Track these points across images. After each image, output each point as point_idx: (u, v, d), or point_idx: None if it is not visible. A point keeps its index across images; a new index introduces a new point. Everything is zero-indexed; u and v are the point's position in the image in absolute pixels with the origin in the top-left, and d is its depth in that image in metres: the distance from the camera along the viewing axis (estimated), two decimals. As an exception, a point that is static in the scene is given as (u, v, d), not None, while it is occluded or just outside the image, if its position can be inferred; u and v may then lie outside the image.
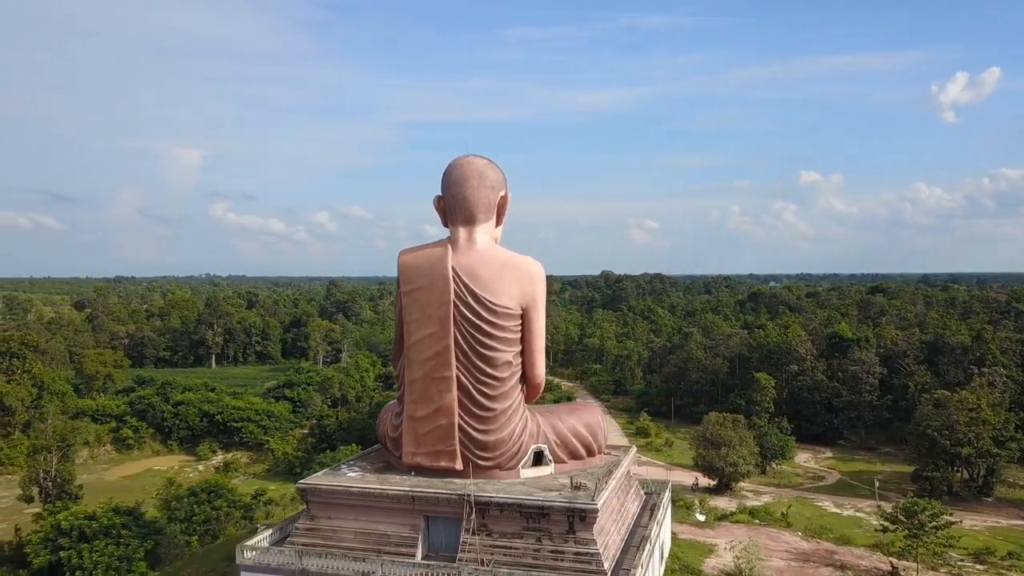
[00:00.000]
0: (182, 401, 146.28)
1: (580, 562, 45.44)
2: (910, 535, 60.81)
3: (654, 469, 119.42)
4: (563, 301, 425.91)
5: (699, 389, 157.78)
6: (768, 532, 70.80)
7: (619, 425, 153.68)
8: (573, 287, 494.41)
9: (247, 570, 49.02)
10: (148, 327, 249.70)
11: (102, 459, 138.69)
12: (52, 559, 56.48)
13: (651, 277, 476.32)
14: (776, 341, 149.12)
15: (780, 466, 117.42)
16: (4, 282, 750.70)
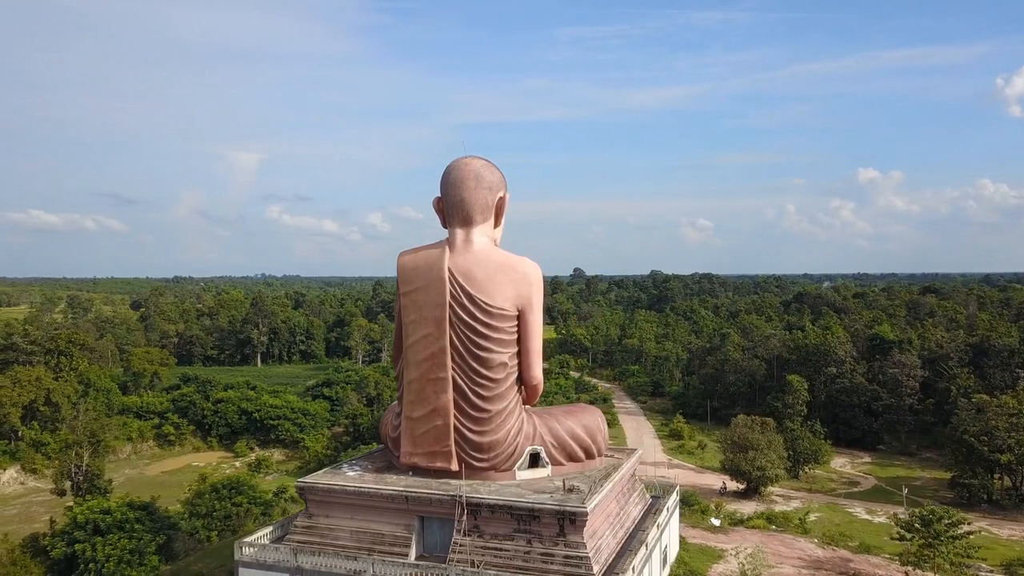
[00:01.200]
0: (222, 399, 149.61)
1: (569, 565, 45.20)
2: (925, 544, 58.84)
3: (684, 472, 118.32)
4: (608, 301, 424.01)
5: (736, 391, 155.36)
6: (783, 538, 69.28)
7: (653, 427, 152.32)
8: (619, 287, 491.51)
9: (245, 566, 50.03)
10: (197, 326, 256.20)
11: (144, 455, 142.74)
12: (68, 551, 58.53)
13: (699, 277, 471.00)
14: (815, 343, 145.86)
15: (813, 471, 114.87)
16: (70, 282, 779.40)
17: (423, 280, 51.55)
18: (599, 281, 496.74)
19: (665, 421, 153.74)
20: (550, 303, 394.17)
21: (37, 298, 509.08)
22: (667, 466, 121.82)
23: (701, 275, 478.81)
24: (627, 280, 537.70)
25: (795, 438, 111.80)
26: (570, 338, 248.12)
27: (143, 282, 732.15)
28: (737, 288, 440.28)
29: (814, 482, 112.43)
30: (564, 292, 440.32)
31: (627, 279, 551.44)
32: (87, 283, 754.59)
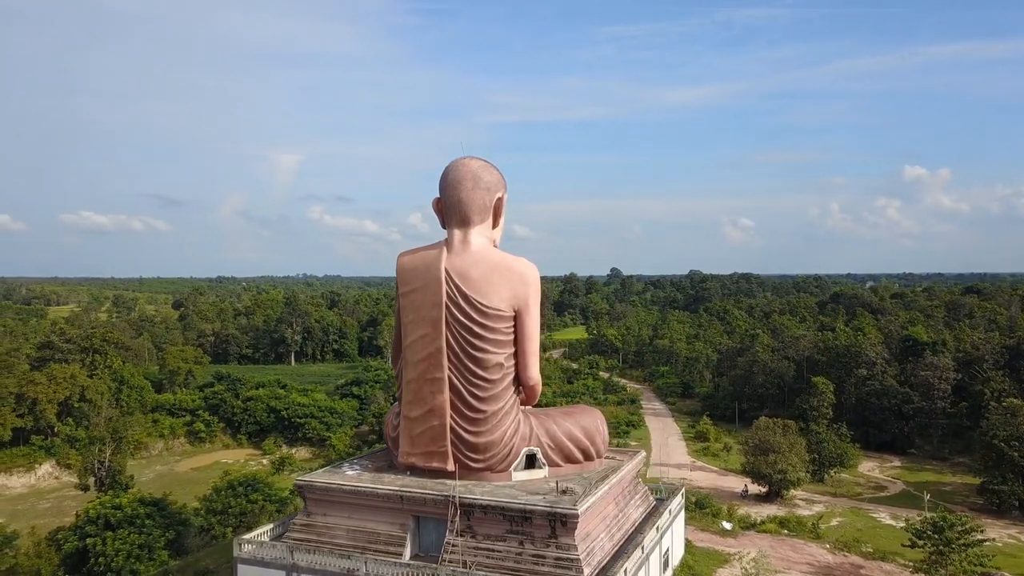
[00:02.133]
0: (251, 397, 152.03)
1: (560, 567, 44.98)
2: (936, 551, 57.32)
3: (706, 475, 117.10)
4: (644, 301, 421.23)
5: (764, 393, 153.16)
6: (793, 543, 68.08)
7: (680, 429, 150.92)
8: (656, 287, 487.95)
9: (244, 563, 50.76)
10: (233, 325, 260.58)
11: (176, 451, 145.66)
12: (80, 545, 60.05)
13: (737, 277, 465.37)
14: (845, 344, 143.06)
15: (838, 474, 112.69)
16: (117, 282, 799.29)
17: (421, 281, 51.74)
18: (634, 281, 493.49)
19: (692, 423, 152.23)
20: (584, 303, 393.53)
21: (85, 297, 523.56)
22: (690, 468, 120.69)
23: (739, 275, 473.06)
24: (664, 280, 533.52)
25: (820, 441, 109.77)
26: (601, 338, 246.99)
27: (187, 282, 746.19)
28: (776, 288, 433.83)
29: (840, 486, 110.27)
30: (599, 292, 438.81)
31: (664, 279, 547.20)
32: (133, 283, 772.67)
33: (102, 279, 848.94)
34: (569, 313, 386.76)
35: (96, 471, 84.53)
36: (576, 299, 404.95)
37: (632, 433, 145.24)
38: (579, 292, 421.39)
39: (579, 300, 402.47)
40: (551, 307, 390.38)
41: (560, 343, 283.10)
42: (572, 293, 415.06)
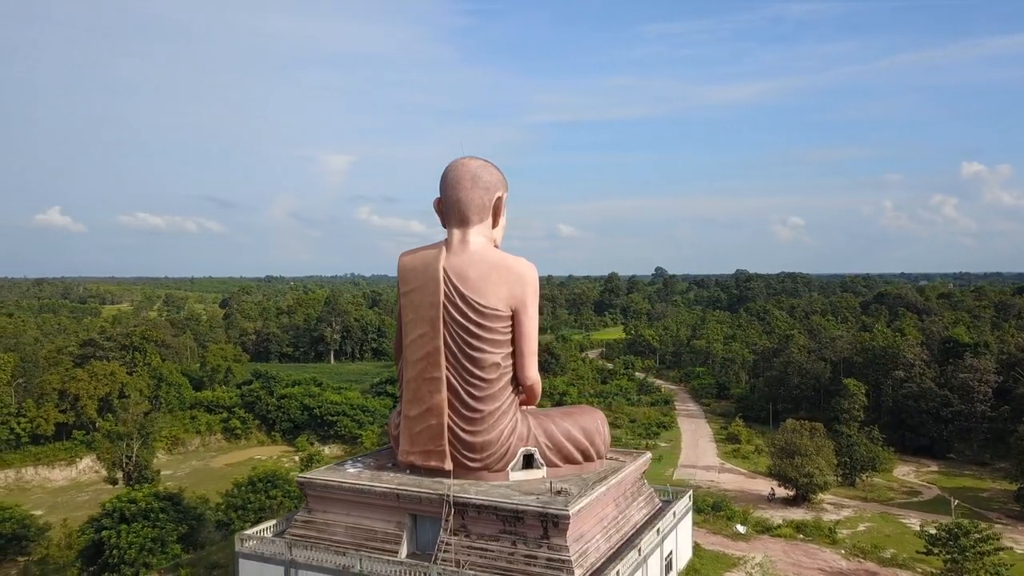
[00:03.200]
0: (285, 395, 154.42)
1: (552, 568, 44.87)
2: (951, 560, 55.56)
3: (734, 477, 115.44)
4: (687, 301, 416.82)
5: (799, 394, 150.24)
6: (807, 548, 66.64)
7: (712, 430, 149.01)
8: (699, 287, 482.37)
9: (245, 558, 51.69)
10: (275, 324, 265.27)
11: (212, 447, 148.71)
12: (95, 538, 61.82)
13: (783, 277, 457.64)
14: (882, 345, 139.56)
15: (871, 479, 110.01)
16: (170, 281, 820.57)
17: (420, 280, 52.06)
18: (677, 281, 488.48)
19: (725, 424, 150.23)
20: (625, 303, 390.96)
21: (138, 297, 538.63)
22: (719, 470, 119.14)
23: (785, 275, 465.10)
24: (709, 280, 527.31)
25: (851, 444, 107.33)
26: (639, 339, 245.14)
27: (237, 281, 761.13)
28: (822, 288, 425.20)
29: (871, 491, 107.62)
30: (640, 292, 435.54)
31: (708, 279, 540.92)
32: (185, 282, 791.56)
33: (156, 279, 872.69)
34: (610, 313, 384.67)
35: (124, 466, 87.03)
36: (617, 299, 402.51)
37: (663, 434, 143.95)
38: (620, 292, 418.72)
39: (620, 300, 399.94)
40: (591, 307, 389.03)
41: (597, 343, 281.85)
42: (613, 293, 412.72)
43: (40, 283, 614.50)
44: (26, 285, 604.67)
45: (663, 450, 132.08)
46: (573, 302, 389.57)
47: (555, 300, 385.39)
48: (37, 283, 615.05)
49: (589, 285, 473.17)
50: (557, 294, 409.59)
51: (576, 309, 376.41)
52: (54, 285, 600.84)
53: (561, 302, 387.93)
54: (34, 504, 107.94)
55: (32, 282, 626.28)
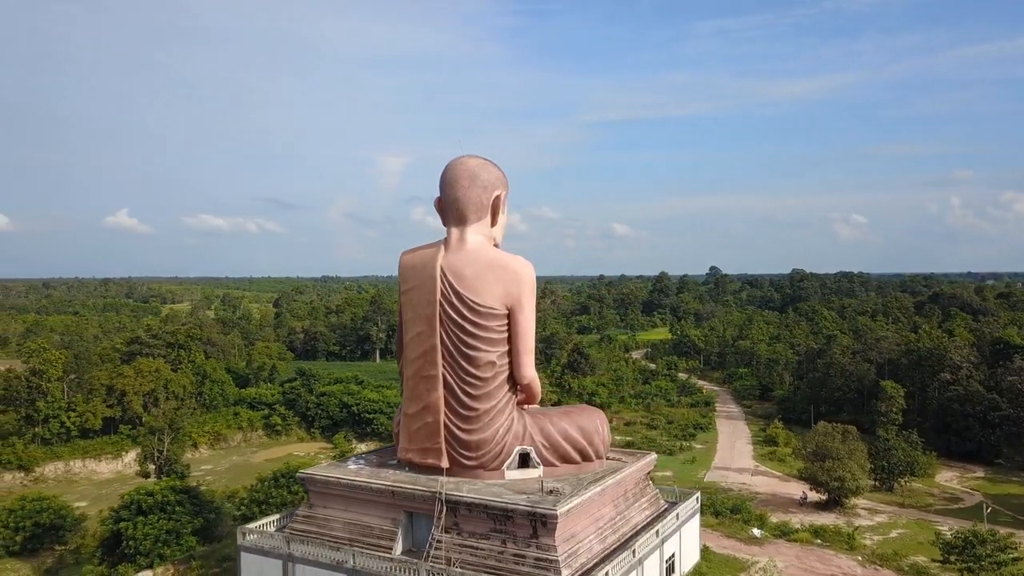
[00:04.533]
0: (325, 392, 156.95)
1: (539, 567, 44.79)
2: (967, 568, 53.48)
3: (767, 480, 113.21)
4: (739, 301, 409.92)
5: (841, 396, 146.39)
6: (822, 554, 64.84)
7: (751, 432, 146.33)
8: (752, 286, 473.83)
9: (246, 551, 52.81)
10: (323, 323, 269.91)
11: (253, 443, 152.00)
12: (114, 529, 63.88)
13: (839, 276, 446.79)
14: (928, 346, 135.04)
15: (909, 484, 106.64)
16: (230, 281, 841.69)
17: (418, 279, 52.49)
18: (729, 280, 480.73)
19: (765, 426, 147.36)
20: (675, 303, 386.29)
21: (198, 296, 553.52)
22: (752, 473, 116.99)
23: (840, 274, 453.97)
24: (762, 279, 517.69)
25: (888, 448, 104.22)
26: (684, 339, 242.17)
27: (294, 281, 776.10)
28: (880, 288, 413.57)
29: (910, 496, 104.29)
30: (691, 292, 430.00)
31: (762, 278, 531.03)
32: (244, 282, 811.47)
33: (217, 278, 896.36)
34: (659, 313, 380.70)
35: (156, 459, 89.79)
36: (667, 299, 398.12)
37: (699, 436, 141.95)
38: (670, 292, 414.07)
39: (670, 300, 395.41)
40: (639, 307, 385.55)
41: (643, 344, 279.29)
42: (663, 293, 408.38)
43: (106, 283, 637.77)
44: (93, 285, 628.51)
45: (697, 452, 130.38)
46: (621, 302, 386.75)
47: (603, 300, 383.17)
48: (104, 283, 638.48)
49: (638, 285, 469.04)
50: (605, 294, 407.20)
51: (624, 309, 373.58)
52: (119, 285, 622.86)
53: (609, 302, 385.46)
54: (80, 496, 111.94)
55: (99, 282, 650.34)
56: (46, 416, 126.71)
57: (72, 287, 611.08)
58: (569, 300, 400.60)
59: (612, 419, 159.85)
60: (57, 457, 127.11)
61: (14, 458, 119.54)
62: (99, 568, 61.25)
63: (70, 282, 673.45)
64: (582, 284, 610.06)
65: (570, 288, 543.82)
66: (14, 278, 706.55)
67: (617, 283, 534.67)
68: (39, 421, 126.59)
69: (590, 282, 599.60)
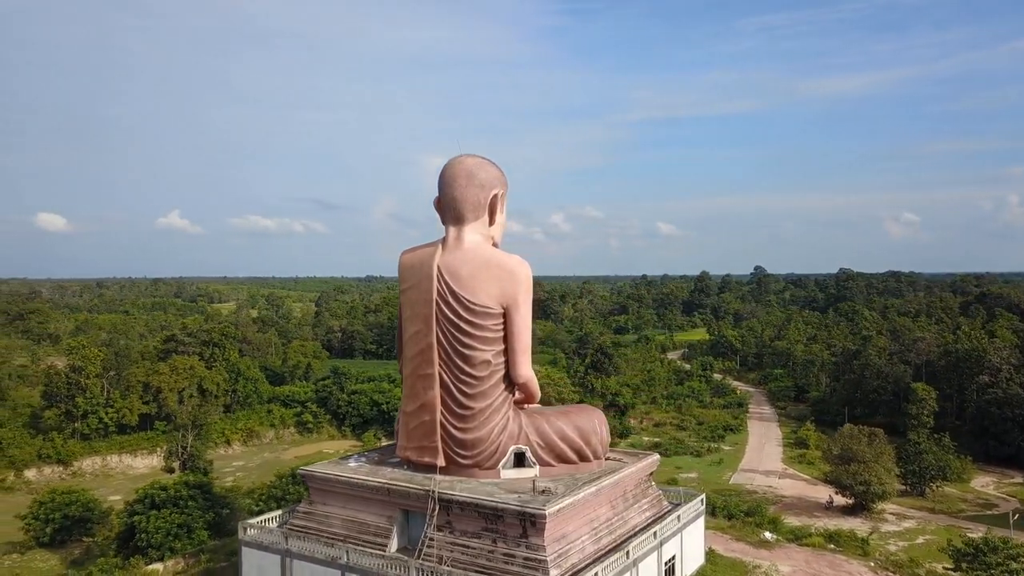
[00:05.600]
0: (356, 391, 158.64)
1: (528, 567, 44.72)
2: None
3: (795, 483, 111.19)
4: (782, 301, 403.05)
5: (876, 398, 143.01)
6: (833, 559, 63.38)
7: (782, 434, 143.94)
8: (796, 286, 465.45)
9: (247, 545, 53.68)
10: (360, 323, 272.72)
11: (285, 440, 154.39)
12: (128, 522, 65.52)
13: (885, 276, 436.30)
14: (966, 347, 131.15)
15: (941, 489, 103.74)
16: (276, 281, 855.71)
17: (416, 278, 52.79)
18: (772, 280, 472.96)
19: (797, 428, 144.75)
20: (716, 303, 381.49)
21: (243, 296, 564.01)
22: (779, 476, 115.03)
23: (888, 274, 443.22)
24: (807, 279, 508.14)
25: (919, 452, 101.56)
26: (721, 339, 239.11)
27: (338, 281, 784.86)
28: (928, 288, 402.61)
29: (941, 502, 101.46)
30: (733, 291, 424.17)
31: (807, 278, 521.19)
32: (289, 282, 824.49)
33: (264, 278, 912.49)
34: (699, 313, 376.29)
35: (180, 455, 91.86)
36: (707, 299, 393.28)
37: (728, 437, 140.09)
38: (711, 291, 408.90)
39: (711, 300, 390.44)
40: (679, 307, 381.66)
41: (681, 344, 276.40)
42: (703, 292, 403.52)
43: (156, 283, 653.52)
44: (144, 285, 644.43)
45: (726, 454, 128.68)
46: (661, 302, 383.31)
47: (641, 300, 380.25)
48: (154, 283, 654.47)
49: (678, 285, 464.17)
50: (644, 294, 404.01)
51: (663, 309, 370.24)
52: (169, 285, 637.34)
53: (648, 302, 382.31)
54: (114, 489, 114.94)
55: (150, 282, 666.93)
56: (85, 412, 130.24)
57: (124, 287, 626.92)
58: (607, 300, 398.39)
59: (642, 420, 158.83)
60: (95, 452, 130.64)
61: (53, 452, 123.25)
62: (114, 560, 62.86)
63: (122, 282, 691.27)
64: (624, 284, 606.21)
65: (611, 288, 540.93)
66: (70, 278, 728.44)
67: (657, 283, 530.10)
68: (78, 417, 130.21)
69: (632, 282, 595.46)
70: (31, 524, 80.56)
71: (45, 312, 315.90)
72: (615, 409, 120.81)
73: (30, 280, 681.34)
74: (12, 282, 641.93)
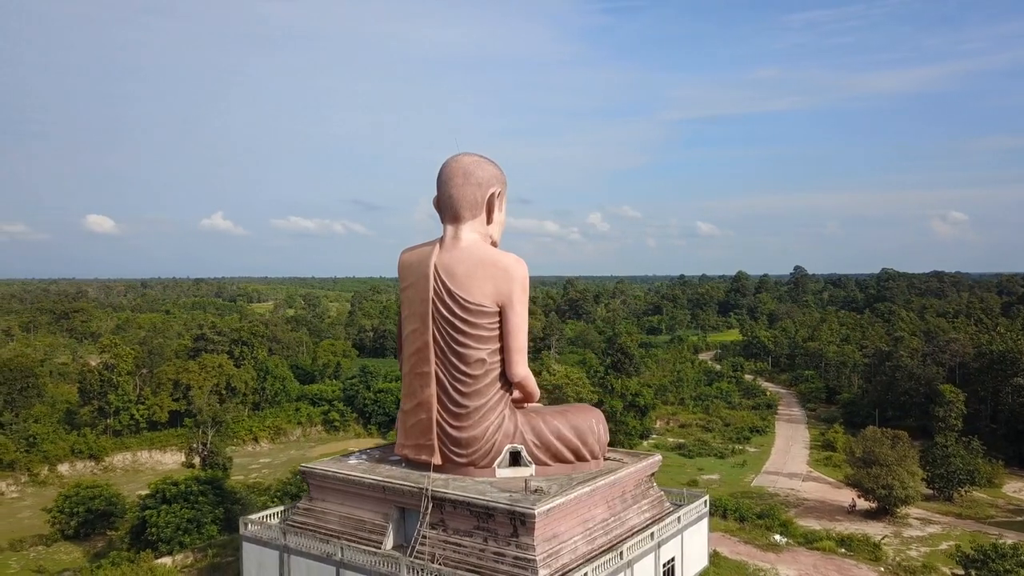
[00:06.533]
0: (382, 389, 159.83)
1: (517, 566, 44.61)
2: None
3: (818, 486, 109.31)
4: (820, 302, 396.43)
5: (907, 400, 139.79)
6: (841, 563, 62.05)
7: (810, 437, 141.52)
8: (835, 287, 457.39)
9: (248, 541, 54.42)
10: (393, 322, 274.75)
11: (312, 437, 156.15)
12: (140, 516, 66.94)
13: (928, 276, 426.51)
14: (1000, 349, 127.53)
15: (970, 493, 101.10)
16: (315, 281, 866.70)
17: (414, 276, 53.03)
18: (814, 280, 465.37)
19: (825, 430, 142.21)
20: (752, 303, 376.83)
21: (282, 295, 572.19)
22: (803, 479, 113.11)
23: (932, 274, 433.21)
24: (847, 279, 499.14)
25: (947, 455, 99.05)
26: (753, 340, 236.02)
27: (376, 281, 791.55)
28: (972, 288, 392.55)
29: (970, 507, 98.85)
30: (770, 292, 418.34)
31: (847, 278, 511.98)
32: (329, 282, 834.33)
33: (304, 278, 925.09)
34: (735, 314, 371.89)
35: (200, 452, 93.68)
36: (743, 299, 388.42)
37: (754, 439, 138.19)
38: (747, 292, 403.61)
39: (747, 300, 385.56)
40: (714, 308, 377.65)
41: (714, 345, 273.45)
42: (739, 293, 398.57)
43: (199, 283, 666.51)
44: (187, 285, 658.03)
45: (750, 455, 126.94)
46: (696, 302, 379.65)
47: (676, 300, 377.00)
48: (196, 283, 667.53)
49: (714, 285, 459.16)
50: (679, 294, 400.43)
51: (699, 309, 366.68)
52: (210, 285, 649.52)
53: (683, 302, 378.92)
54: (143, 484, 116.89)
55: (192, 282, 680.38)
56: (117, 408, 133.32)
57: (167, 287, 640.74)
58: (641, 300, 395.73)
59: (668, 421, 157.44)
60: (126, 448, 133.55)
61: (85, 448, 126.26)
62: (126, 554, 64.20)
63: (166, 282, 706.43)
64: (661, 284, 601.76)
65: (648, 288, 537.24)
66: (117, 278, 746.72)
67: (696, 283, 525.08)
68: (111, 413, 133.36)
69: (670, 282, 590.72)
70: (56, 517, 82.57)
71: (89, 311, 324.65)
72: (635, 410, 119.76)
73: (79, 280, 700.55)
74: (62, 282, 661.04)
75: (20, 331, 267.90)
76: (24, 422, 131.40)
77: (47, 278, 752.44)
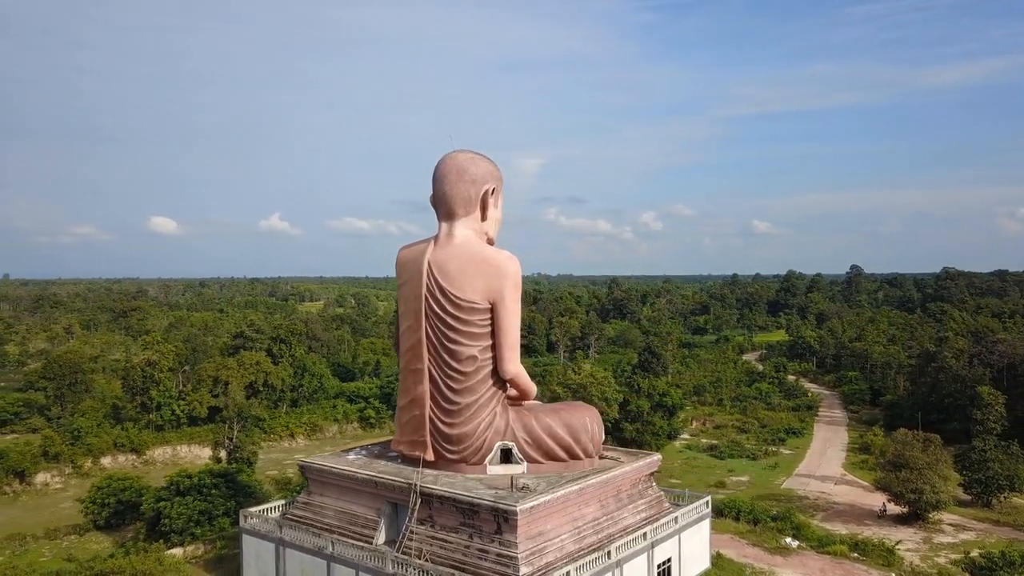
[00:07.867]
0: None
1: (500, 563, 44.62)
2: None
3: (850, 489, 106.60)
4: (875, 301, 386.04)
5: (952, 403, 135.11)
6: (852, 568, 60.14)
7: (849, 439, 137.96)
8: (892, 286, 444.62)
9: (247, 533, 55.49)
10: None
11: (348, 434, 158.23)
12: (155, 508, 68.81)
13: (990, 276, 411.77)
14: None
15: (1010, 499, 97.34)
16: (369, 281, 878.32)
17: (409, 274, 53.48)
18: (869, 279, 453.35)
19: (864, 433, 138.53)
20: (803, 303, 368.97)
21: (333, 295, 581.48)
22: (835, 482, 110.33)
23: (995, 273, 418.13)
24: (904, 278, 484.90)
25: (985, 460, 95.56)
26: (799, 340, 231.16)
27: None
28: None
29: (1009, 513, 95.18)
30: (823, 291, 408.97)
31: (905, 277, 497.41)
32: (381, 281, 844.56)
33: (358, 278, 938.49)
34: (784, 314, 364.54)
35: (227, 447, 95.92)
36: (794, 299, 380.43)
37: (790, 441, 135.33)
38: (798, 291, 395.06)
39: (798, 300, 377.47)
40: (763, 307, 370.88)
41: (760, 345, 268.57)
42: (790, 292, 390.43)
43: (254, 282, 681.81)
44: (243, 284, 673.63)
45: (784, 457, 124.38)
46: (745, 302, 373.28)
47: (724, 300, 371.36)
48: (252, 283, 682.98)
49: (763, 285, 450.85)
50: (727, 294, 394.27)
51: (747, 309, 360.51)
52: (265, 284, 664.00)
53: (731, 302, 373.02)
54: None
55: (248, 282, 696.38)
56: (159, 404, 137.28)
57: (224, 286, 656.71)
58: (688, 300, 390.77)
59: (704, 421, 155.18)
60: (166, 442, 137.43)
61: (127, 441, 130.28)
62: (142, 545, 66.05)
63: (224, 281, 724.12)
64: (712, 284, 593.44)
65: (700, 287, 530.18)
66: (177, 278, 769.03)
67: (749, 282, 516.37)
68: (152, 408, 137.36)
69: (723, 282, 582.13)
70: (89, 508, 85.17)
71: (146, 310, 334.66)
72: (663, 410, 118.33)
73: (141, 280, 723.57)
74: (125, 282, 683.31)
75: (80, 329, 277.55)
76: (71, 416, 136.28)
77: (111, 278, 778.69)
